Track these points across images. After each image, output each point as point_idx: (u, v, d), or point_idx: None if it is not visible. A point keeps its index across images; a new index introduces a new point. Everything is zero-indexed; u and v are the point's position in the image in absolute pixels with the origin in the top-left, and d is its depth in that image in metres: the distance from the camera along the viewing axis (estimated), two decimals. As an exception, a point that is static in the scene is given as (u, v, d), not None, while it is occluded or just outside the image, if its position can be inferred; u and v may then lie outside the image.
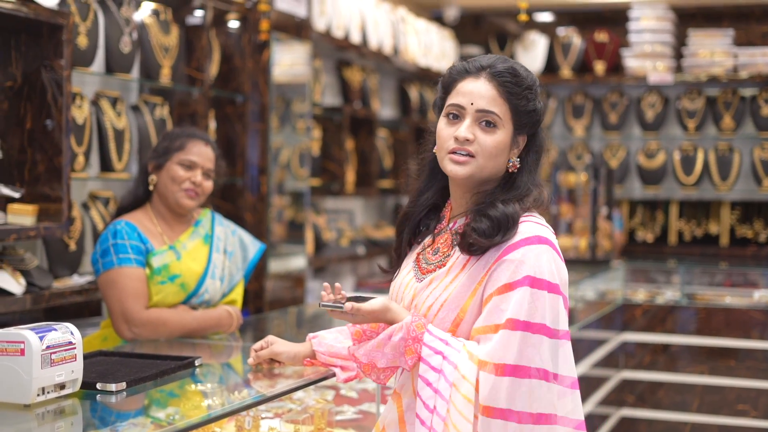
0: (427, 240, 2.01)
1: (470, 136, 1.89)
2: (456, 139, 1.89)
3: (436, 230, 2.00)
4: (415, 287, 1.94)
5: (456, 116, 1.92)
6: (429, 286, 1.91)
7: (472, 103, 1.90)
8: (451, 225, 1.98)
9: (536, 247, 1.84)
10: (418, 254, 2.01)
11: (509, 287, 1.81)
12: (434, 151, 1.99)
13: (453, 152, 1.90)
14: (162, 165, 3.00)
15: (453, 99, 1.93)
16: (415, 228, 2.04)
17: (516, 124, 1.92)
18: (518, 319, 1.78)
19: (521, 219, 1.88)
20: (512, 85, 1.91)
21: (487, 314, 1.82)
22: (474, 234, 1.85)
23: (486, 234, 1.84)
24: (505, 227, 1.85)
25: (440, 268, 1.93)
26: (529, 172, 1.94)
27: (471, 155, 1.89)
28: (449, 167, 1.91)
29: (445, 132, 1.92)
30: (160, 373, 2.34)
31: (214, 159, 3.06)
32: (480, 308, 1.85)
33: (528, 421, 1.77)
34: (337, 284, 2.00)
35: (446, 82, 1.98)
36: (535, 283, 1.80)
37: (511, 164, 1.93)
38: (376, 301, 1.89)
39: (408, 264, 2.02)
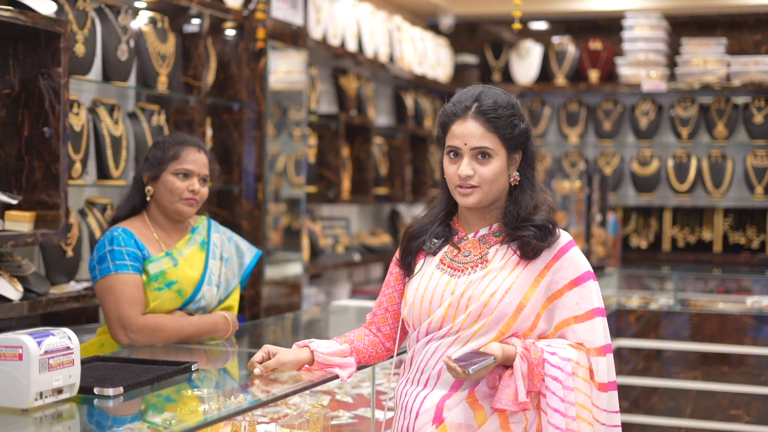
0: (448, 248, 2.24)
1: (470, 173, 2.16)
2: (459, 176, 2.16)
3: (455, 239, 2.25)
4: (466, 280, 2.17)
5: (456, 154, 2.19)
6: (485, 278, 2.16)
7: (465, 144, 2.16)
8: (472, 235, 2.24)
9: (576, 247, 2.24)
10: (441, 260, 2.23)
11: (576, 282, 2.17)
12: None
13: (459, 186, 2.18)
14: (157, 176, 3.00)
15: (450, 141, 2.20)
16: (429, 239, 2.27)
17: (508, 147, 2.18)
18: (597, 308, 2.17)
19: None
20: (496, 119, 2.16)
21: (568, 308, 2.16)
22: (534, 241, 2.16)
23: (541, 239, 2.17)
24: (548, 230, 2.17)
25: (482, 264, 2.19)
26: (530, 181, 2.22)
27: (474, 186, 2.16)
28: (459, 199, 2.21)
29: (450, 169, 2.20)
30: (157, 378, 2.36)
31: (208, 164, 3.07)
32: (543, 297, 2.16)
33: (615, 388, 2.17)
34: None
35: (443, 124, 2.23)
36: (590, 275, 2.20)
37: (512, 179, 2.20)
38: (497, 346, 2.10)
39: (428, 268, 2.24)
